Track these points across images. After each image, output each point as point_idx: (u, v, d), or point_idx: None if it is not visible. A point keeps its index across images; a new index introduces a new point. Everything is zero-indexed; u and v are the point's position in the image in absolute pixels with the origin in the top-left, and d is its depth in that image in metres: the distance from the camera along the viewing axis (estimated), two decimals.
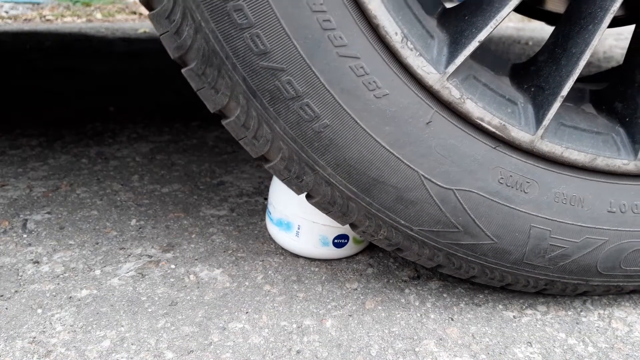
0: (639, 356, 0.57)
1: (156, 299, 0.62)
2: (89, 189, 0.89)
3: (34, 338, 0.55)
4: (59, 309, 0.60)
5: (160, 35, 0.48)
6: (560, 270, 0.59)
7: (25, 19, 2.83)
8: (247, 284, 0.66)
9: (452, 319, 0.61)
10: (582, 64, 0.51)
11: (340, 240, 0.69)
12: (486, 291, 0.67)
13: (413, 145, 0.51)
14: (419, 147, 0.51)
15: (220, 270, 0.68)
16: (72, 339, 0.55)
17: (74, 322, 0.58)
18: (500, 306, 0.64)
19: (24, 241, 0.73)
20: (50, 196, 0.86)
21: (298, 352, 0.55)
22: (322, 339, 0.57)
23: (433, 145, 0.51)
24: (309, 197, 0.55)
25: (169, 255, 0.71)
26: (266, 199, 0.85)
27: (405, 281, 0.68)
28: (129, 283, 0.65)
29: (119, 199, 0.86)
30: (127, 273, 0.67)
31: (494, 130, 0.52)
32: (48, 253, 0.71)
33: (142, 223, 0.79)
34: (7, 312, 0.59)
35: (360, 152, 0.50)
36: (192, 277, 0.67)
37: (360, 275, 0.69)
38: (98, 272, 0.67)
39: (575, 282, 0.61)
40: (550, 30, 0.59)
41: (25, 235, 0.75)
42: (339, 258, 0.72)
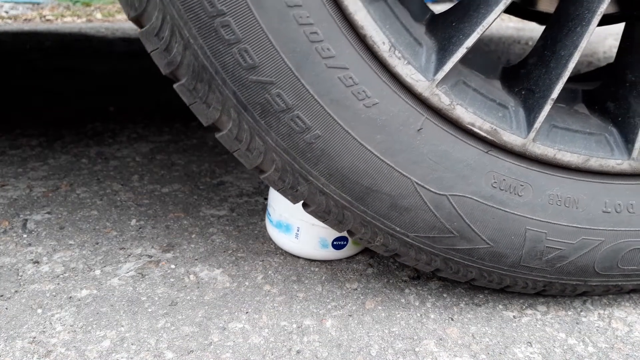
0: (639, 356, 0.57)
1: (156, 299, 0.62)
2: (89, 189, 0.89)
3: (34, 338, 0.55)
4: (59, 309, 0.60)
5: (150, 52, 0.48)
6: (558, 271, 0.59)
7: (25, 19, 2.83)
8: (247, 284, 0.66)
9: (452, 319, 0.61)
10: (571, 66, 0.51)
11: (339, 242, 0.69)
12: (486, 291, 0.67)
13: (405, 152, 0.51)
14: (411, 155, 0.51)
15: (220, 270, 0.68)
16: (72, 339, 0.55)
17: (74, 322, 0.58)
18: (500, 306, 0.64)
19: (24, 241, 0.73)
20: (50, 196, 0.86)
21: (298, 352, 0.55)
22: (322, 339, 0.57)
23: (425, 152, 0.51)
24: (305, 206, 0.55)
25: (169, 255, 0.71)
26: (266, 199, 0.85)
27: (405, 281, 0.68)
28: (129, 283, 0.65)
29: (119, 199, 0.86)
30: (127, 273, 0.67)
31: (485, 134, 0.52)
32: (48, 253, 0.71)
33: (142, 223, 0.79)
34: (7, 312, 0.59)
35: (352, 162, 0.51)
36: (192, 277, 0.67)
37: (360, 275, 0.69)
38: (98, 272, 0.67)
39: (574, 283, 0.61)
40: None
41: (25, 235, 0.75)
42: (339, 259, 0.72)
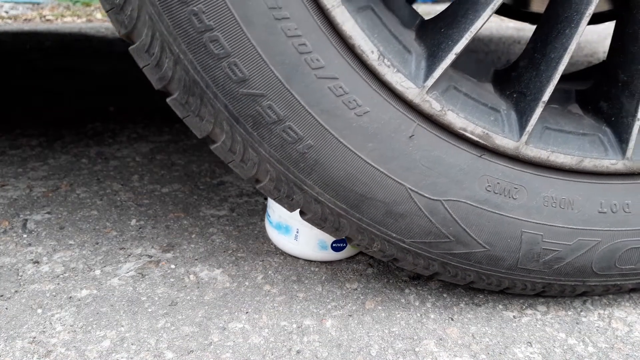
0: (639, 356, 0.57)
1: (156, 299, 0.62)
2: (89, 189, 0.89)
3: (34, 338, 0.55)
4: (59, 309, 0.60)
5: (142, 68, 0.49)
6: (556, 273, 0.59)
7: (25, 19, 2.84)
8: (247, 284, 0.66)
9: (452, 319, 0.61)
10: (562, 68, 0.51)
11: (338, 244, 0.69)
12: (486, 291, 0.67)
13: (398, 159, 0.51)
14: (404, 161, 0.51)
15: (220, 270, 0.68)
16: (72, 339, 0.55)
17: (74, 322, 0.58)
18: (500, 306, 0.64)
19: (24, 241, 0.73)
20: (50, 196, 0.86)
21: (298, 352, 0.55)
22: (322, 339, 0.57)
23: (418, 158, 0.52)
24: (302, 214, 0.56)
25: (169, 255, 0.71)
26: (266, 200, 0.85)
27: (405, 281, 0.68)
28: (129, 283, 0.65)
29: (119, 199, 0.86)
30: (127, 273, 0.67)
31: (477, 139, 0.52)
32: (48, 253, 0.71)
33: (142, 223, 0.79)
34: (7, 312, 0.59)
35: (345, 170, 0.51)
36: (192, 277, 0.67)
37: (360, 275, 0.69)
38: (98, 272, 0.67)
39: (573, 284, 0.61)
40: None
41: (25, 235, 0.75)
42: (338, 260, 0.72)
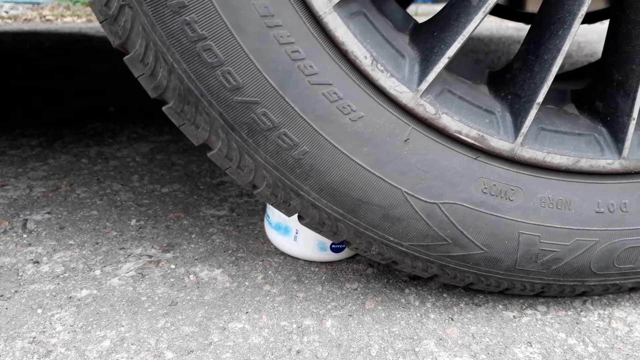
0: (639, 356, 0.57)
1: (156, 299, 0.62)
2: (89, 189, 0.89)
3: (34, 338, 0.55)
4: (59, 309, 0.60)
5: (137, 78, 0.49)
6: (555, 273, 0.59)
7: (25, 19, 2.84)
8: (247, 284, 0.66)
9: (452, 319, 0.61)
10: (555, 70, 0.51)
11: (337, 245, 0.69)
12: (486, 291, 0.67)
13: (393, 163, 0.51)
14: (400, 165, 0.51)
15: (220, 270, 0.68)
16: (72, 339, 0.55)
17: (74, 322, 0.58)
18: (500, 306, 0.64)
19: (24, 241, 0.73)
20: (50, 196, 0.86)
21: (298, 352, 0.55)
22: (322, 339, 0.57)
23: (413, 161, 0.52)
24: (300, 219, 0.56)
25: (169, 255, 0.71)
26: None
27: (405, 281, 0.68)
28: (129, 283, 0.65)
29: (119, 199, 0.86)
30: (127, 273, 0.67)
31: (472, 141, 0.52)
32: (48, 253, 0.71)
33: (142, 223, 0.79)
34: (7, 312, 0.59)
35: (341, 175, 0.51)
36: (192, 277, 0.67)
37: (360, 275, 0.69)
38: (98, 272, 0.67)
39: (572, 284, 0.61)
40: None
41: (25, 235, 0.75)
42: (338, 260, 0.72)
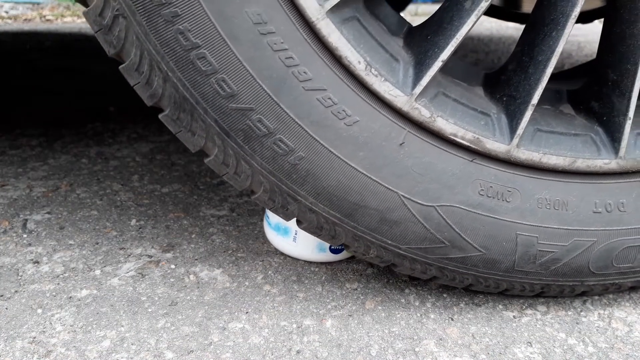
0: (639, 356, 0.57)
1: (156, 299, 0.62)
2: (89, 189, 0.89)
3: (34, 338, 0.55)
4: (59, 309, 0.60)
5: (133, 86, 0.49)
6: (553, 274, 0.59)
7: (25, 19, 2.84)
8: (247, 284, 0.66)
9: (452, 319, 0.61)
10: (549, 71, 0.51)
11: (337, 247, 0.69)
12: (486, 292, 0.67)
13: (389, 167, 0.51)
14: (396, 168, 0.52)
15: (220, 270, 0.68)
16: (72, 339, 0.55)
17: (74, 322, 0.58)
18: (500, 306, 0.64)
19: (24, 241, 0.73)
20: (50, 196, 0.86)
21: (298, 352, 0.55)
22: (322, 339, 0.57)
23: (409, 165, 0.52)
24: (298, 223, 0.56)
25: (169, 255, 0.71)
26: None
27: (405, 281, 0.68)
28: (129, 283, 0.65)
29: (119, 199, 0.86)
30: (127, 273, 0.67)
31: (468, 144, 0.52)
32: (48, 253, 0.71)
33: (142, 223, 0.79)
34: (7, 312, 0.59)
35: (338, 180, 0.51)
36: (192, 277, 0.67)
37: (360, 275, 0.69)
38: (98, 272, 0.67)
39: (571, 284, 0.61)
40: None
41: (25, 235, 0.75)
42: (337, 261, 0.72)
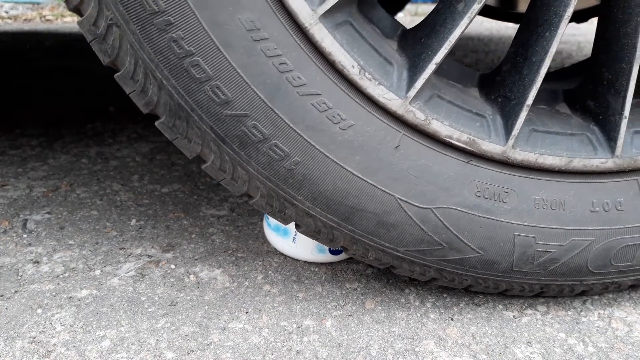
0: (639, 356, 0.57)
1: (156, 299, 0.62)
2: (89, 189, 0.89)
3: (34, 338, 0.55)
4: (59, 309, 0.60)
5: (129, 94, 0.49)
6: (552, 273, 0.59)
7: (25, 19, 2.84)
8: (247, 284, 0.66)
9: (452, 319, 0.61)
10: (544, 71, 0.51)
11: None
12: (485, 293, 0.67)
13: (385, 170, 0.51)
14: (392, 172, 0.52)
15: (220, 270, 0.68)
16: (72, 339, 0.55)
17: (74, 322, 0.58)
18: (500, 306, 0.64)
19: (24, 241, 0.73)
20: (50, 196, 0.86)
21: (298, 352, 0.55)
22: (322, 339, 0.57)
23: (405, 167, 0.52)
24: (297, 227, 0.56)
25: (169, 255, 0.71)
26: None
27: (405, 281, 0.68)
28: (129, 283, 0.65)
29: (119, 199, 0.86)
30: (127, 273, 0.67)
31: (464, 145, 0.52)
32: (48, 253, 0.71)
33: (142, 223, 0.79)
34: (7, 312, 0.59)
35: (334, 184, 0.51)
36: (192, 277, 0.67)
37: (360, 275, 0.69)
38: (98, 272, 0.67)
39: (570, 284, 0.61)
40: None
41: (25, 235, 0.75)
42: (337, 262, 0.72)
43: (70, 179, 0.93)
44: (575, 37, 2.84)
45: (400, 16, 3.61)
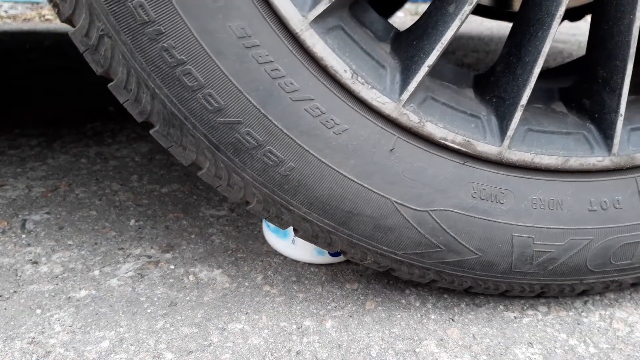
0: None
1: (155, 299, 0.62)
2: (88, 189, 0.89)
3: (33, 338, 0.55)
4: (57, 309, 0.60)
5: (123, 103, 0.50)
6: (551, 273, 0.59)
7: (24, 19, 2.83)
8: (247, 284, 0.66)
9: (453, 320, 0.61)
10: (537, 71, 0.51)
11: None
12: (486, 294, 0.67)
13: (380, 173, 0.51)
14: (387, 175, 0.52)
15: (219, 271, 0.68)
16: (71, 340, 0.55)
17: (72, 323, 0.58)
18: (501, 307, 0.64)
19: (23, 241, 0.73)
20: (49, 196, 0.86)
21: (298, 353, 0.55)
22: (322, 339, 0.57)
23: (400, 170, 0.52)
24: (295, 231, 0.56)
25: (168, 255, 0.71)
26: None
27: (406, 282, 0.68)
28: (128, 283, 0.65)
29: (118, 199, 0.86)
30: (126, 273, 0.67)
31: (459, 147, 0.52)
32: (47, 253, 0.70)
33: (142, 223, 0.79)
34: (6, 313, 0.59)
35: (330, 189, 0.51)
36: (192, 278, 0.66)
37: (361, 275, 0.69)
38: (97, 273, 0.67)
39: (570, 283, 0.61)
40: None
41: (24, 236, 0.74)
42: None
43: (70, 179, 0.92)
44: (576, 37, 2.84)
45: (400, 16, 3.61)
